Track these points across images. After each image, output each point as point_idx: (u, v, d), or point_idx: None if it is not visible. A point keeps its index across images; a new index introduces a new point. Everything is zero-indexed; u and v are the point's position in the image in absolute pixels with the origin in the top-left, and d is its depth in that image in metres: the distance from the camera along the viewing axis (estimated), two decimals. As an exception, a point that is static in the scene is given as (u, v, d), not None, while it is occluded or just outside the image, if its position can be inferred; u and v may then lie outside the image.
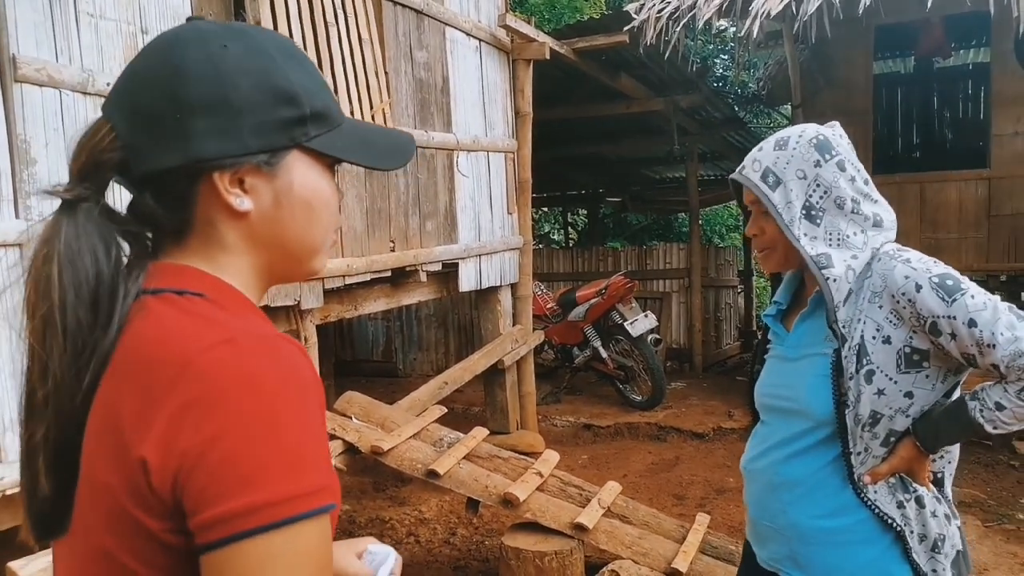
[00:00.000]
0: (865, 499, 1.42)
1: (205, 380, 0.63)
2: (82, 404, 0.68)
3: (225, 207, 0.73)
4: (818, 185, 1.44)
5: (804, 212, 1.43)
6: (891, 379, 1.37)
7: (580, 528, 3.08)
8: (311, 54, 3.30)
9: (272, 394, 0.63)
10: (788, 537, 1.50)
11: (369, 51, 3.71)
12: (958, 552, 1.45)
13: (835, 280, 1.40)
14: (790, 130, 1.51)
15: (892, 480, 1.43)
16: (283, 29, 3.11)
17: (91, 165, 0.72)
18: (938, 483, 1.47)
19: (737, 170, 1.52)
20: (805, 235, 1.43)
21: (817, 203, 1.44)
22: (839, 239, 1.43)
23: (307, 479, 0.63)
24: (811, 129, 1.48)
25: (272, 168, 0.74)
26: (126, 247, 0.74)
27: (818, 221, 1.43)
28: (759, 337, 1.70)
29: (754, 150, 1.52)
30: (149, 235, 0.77)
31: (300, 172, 0.76)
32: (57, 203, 0.72)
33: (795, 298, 1.63)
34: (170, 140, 0.70)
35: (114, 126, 0.72)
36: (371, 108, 3.67)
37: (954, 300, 1.31)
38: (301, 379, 0.66)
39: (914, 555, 1.41)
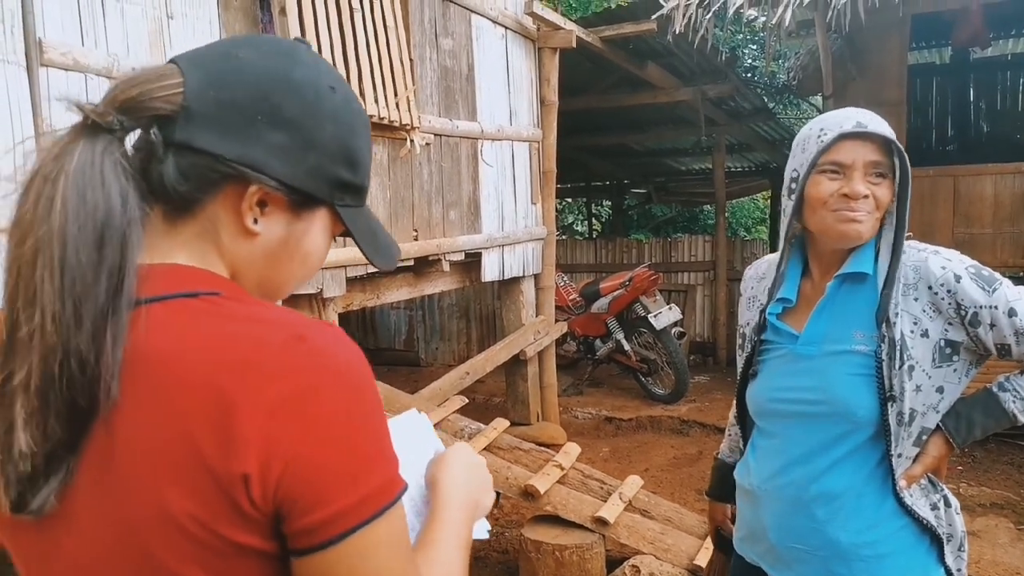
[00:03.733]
0: (904, 505, 1.35)
1: (291, 380, 0.61)
2: (84, 356, 0.60)
3: (237, 217, 0.71)
4: None
5: None
6: (927, 374, 1.33)
7: (601, 522, 3.05)
8: (336, 39, 3.27)
9: (355, 385, 0.63)
10: (823, 557, 1.39)
11: (394, 37, 3.68)
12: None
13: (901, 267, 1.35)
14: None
15: (923, 482, 1.38)
16: (307, 12, 3.08)
17: (138, 102, 0.66)
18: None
19: (855, 126, 1.32)
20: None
21: None
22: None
23: (392, 462, 0.65)
24: None
25: (299, 210, 0.74)
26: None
27: None
28: (755, 338, 1.51)
29: (856, 111, 1.36)
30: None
31: (318, 227, 0.77)
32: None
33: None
34: (237, 132, 0.68)
35: (186, 83, 0.68)
36: (395, 96, 3.64)
37: (995, 290, 1.30)
38: (364, 363, 0.66)
39: (947, 557, 1.37)
